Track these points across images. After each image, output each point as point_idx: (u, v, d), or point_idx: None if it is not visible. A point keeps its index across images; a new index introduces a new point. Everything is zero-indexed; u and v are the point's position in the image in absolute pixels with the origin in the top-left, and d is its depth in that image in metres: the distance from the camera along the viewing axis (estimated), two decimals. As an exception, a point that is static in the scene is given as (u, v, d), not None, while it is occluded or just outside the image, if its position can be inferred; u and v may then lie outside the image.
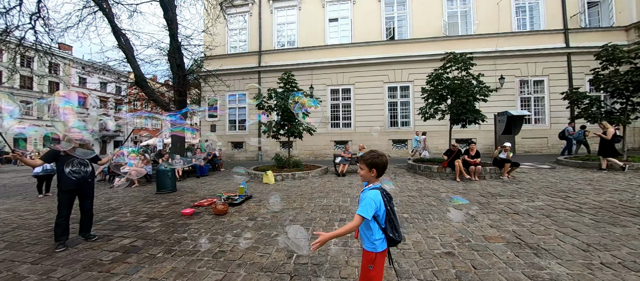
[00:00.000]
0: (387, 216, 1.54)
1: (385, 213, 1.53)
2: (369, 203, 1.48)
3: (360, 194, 1.62)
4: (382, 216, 1.53)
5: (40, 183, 6.76)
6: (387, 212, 1.54)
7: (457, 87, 7.74)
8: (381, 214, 1.52)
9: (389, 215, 1.54)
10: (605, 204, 4.22)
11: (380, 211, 1.52)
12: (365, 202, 1.49)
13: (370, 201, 1.49)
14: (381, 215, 1.52)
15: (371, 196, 1.51)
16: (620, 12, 12.35)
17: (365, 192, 1.58)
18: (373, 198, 1.50)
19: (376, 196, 1.52)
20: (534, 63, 12.58)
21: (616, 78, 7.68)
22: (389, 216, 1.54)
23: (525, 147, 12.31)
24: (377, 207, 1.50)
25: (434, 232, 3.32)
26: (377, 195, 1.53)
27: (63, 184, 3.29)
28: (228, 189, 6.64)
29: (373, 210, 1.48)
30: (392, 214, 1.56)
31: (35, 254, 3.08)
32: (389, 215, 1.54)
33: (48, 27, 8.54)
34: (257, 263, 2.66)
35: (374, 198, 1.50)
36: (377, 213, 1.51)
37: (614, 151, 7.26)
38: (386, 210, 1.53)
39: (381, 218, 1.53)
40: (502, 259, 2.57)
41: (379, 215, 1.52)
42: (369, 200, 1.49)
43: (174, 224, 4.02)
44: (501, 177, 6.79)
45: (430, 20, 13.33)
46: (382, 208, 1.52)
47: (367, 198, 1.51)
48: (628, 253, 2.60)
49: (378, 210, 1.51)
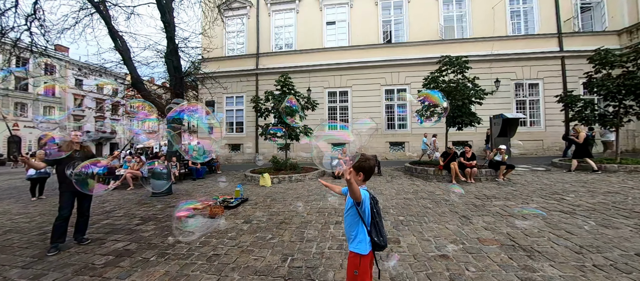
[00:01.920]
0: (372, 220, 1.56)
1: (371, 216, 1.55)
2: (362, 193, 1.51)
3: (349, 197, 1.64)
4: (368, 218, 1.54)
5: (33, 186, 6.68)
6: (373, 215, 1.56)
7: (453, 90, 7.81)
8: (367, 215, 1.54)
9: (374, 218, 1.56)
10: (599, 206, 4.26)
11: (367, 212, 1.54)
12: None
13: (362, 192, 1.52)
14: (367, 215, 1.54)
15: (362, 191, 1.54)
16: (613, 17, 12.57)
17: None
18: (363, 194, 1.53)
19: (366, 194, 1.56)
20: (529, 66, 12.73)
21: (609, 81, 7.80)
22: (374, 220, 1.57)
23: (521, 149, 12.40)
24: (366, 204, 1.53)
25: (429, 235, 3.33)
26: (367, 195, 1.56)
27: (64, 186, 3.33)
28: (224, 192, 6.61)
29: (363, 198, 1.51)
30: (377, 217, 1.58)
31: (26, 258, 3.04)
32: (374, 218, 1.56)
33: (44, 28, 8.49)
34: (251, 267, 2.64)
35: (364, 194, 1.54)
36: (365, 208, 1.53)
37: (588, 153, 7.71)
38: (372, 212, 1.55)
39: (367, 220, 1.54)
40: (496, 262, 2.58)
41: (366, 211, 1.54)
42: (361, 192, 1.52)
43: (169, 227, 3.99)
44: (497, 179, 6.84)
45: (427, 23, 13.46)
46: (368, 211, 1.54)
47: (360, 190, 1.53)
48: (620, 254, 2.62)
49: (366, 206, 1.54)
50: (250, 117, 14.29)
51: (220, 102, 15.19)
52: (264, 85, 14.05)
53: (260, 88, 14.22)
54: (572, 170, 7.73)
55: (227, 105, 15.33)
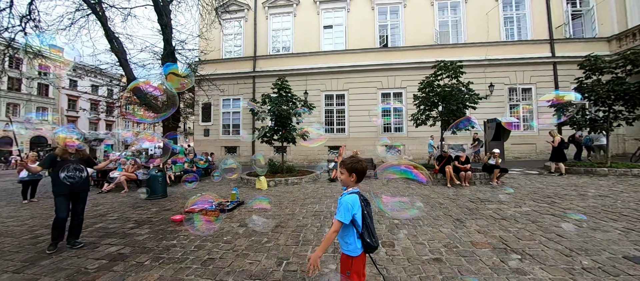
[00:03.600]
0: (364, 221, 1.57)
1: (362, 218, 1.56)
2: (346, 208, 1.53)
3: (339, 199, 1.64)
4: (359, 221, 1.56)
5: (25, 188, 6.57)
6: (364, 217, 1.57)
7: (447, 94, 7.92)
8: (358, 218, 1.56)
9: (365, 219, 1.58)
10: (589, 210, 4.35)
11: (358, 216, 1.55)
12: (344, 207, 1.54)
13: (348, 205, 1.53)
14: (358, 219, 1.56)
15: (349, 201, 1.55)
16: (602, 24, 12.90)
17: (343, 196, 1.61)
18: (351, 203, 1.54)
19: (354, 201, 1.56)
20: (522, 71, 12.98)
21: (599, 87, 7.99)
22: (366, 221, 1.58)
23: (515, 153, 12.59)
24: (354, 212, 1.54)
25: (423, 238, 3.36)
26: (356, 200, 1.57)
27: (57, 189, 3.34)
28: (220, 195, 6.57)
29: (350, 215, 1.53)
30: (369, 219, 1.60)
31: (18, 262, 2.99)
32: (365, 219, 1.58)
33: (39, 29, 8.42)
34: (246, 270, 2.64)
35: (352, 202, 1.55)
36: (355, 217, 1.55)
37: (562, 156, 8.18)
38: (363, 214, 1.56)
39: (358, 223, 1.56)
40: (488, 265, 2.62)
41: (356, 219, 1.56)
42: (347, 205, 1.53)
43: (163, 231, 3.96)
44: (490, 183, 6.93)
45: (422, 28, 13.66)
46: (360, 213, 1.56)
47: (345, 202, 1.55)
48: (608, 257, 2.68)
49: (356, 215, 1.55)
50: (247, 119, 14.28)
51: (217, 104, 15.16)
52: (261, 87, 14.07)
53: (257, 91, 14.23)
54: (552, 171, 8.18)
55: (224, 107, 15.30)
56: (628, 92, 7.49)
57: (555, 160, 8.22)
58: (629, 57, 7.75)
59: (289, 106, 8.86)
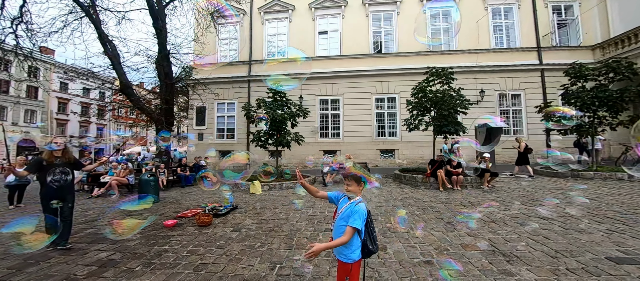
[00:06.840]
0: (367, 229, 1.66)
1: (366, 225, 1.66)
2: (361, 216, 1.60)
3: (347, 207, 1.66)
4: (363, 229, 1.63)
5: (11, 193, 6.39)
6: (368, 223, 1.67)
7: (439, 100, 8.09)
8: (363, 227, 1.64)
9: (368, 226, 1.67)
10: (576, 212, 4.48)
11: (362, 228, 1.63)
12: (358, 215, 1.60)
13: (362, 214, 1.61)
14: (363, 227, 1.64)
15: (362, 209, 1.63)
16: (587, 33, 13.41)
17: (352, 205, 1.65)
18: (363, 211, 1.62)
19: (365, 209, 1.65)
20: (511, 78, 13.34)
21: (583, 94, 8.28)
22: (368, 228, 1.67)
23: (505, 157, 12.84)
24: (364, 219, 1.63)
25: (414, 241, 3.42)
26: (365, 209, 1.65)
27: (44, 192, 3.37)
28: (213, 199, 6.53)
29: (363, 222, 1.62)
30: (371, 226, 1.69)
31: (3, 269, 2.92)
32: (368, 226, 1.67)
33: (30, 31, 8.31)
34: (239, 275, 2.64)
35: (364, 211, 1.63)
36: (361, 230, 1.63)
37: (527, 161, 8.75)
38: (366, 221, 1.66)
39: (362, 231, 1.63)
40: (477, 267, 2.68)
41: (362, 232, 1.63)
42: (361, 213, 1.61)
43: (155, 236, 3.92)
44: (481, 186, 7.06)
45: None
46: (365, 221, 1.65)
47: (359, 211, 1.61)
48: (591, 258, 2.78)
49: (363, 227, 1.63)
50: (242, 123, 14.23)
51: (211, 108, 15.08)
52: (256, 92, 14.09)
53: (252, 95, 14.23)
54: (512, 174, 8.82)
55: (219, 111, 15.23)
56: (611, 99, 7.79)
57: (520, 164, 8.81)
58: (611, 65, 8.08)
59: (283, 110, 8.91)
